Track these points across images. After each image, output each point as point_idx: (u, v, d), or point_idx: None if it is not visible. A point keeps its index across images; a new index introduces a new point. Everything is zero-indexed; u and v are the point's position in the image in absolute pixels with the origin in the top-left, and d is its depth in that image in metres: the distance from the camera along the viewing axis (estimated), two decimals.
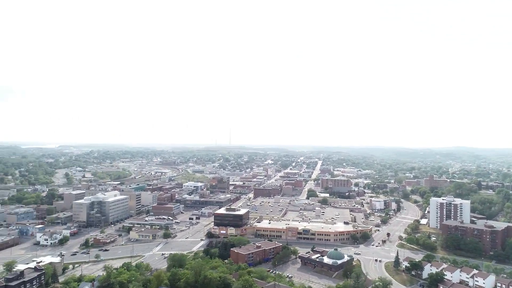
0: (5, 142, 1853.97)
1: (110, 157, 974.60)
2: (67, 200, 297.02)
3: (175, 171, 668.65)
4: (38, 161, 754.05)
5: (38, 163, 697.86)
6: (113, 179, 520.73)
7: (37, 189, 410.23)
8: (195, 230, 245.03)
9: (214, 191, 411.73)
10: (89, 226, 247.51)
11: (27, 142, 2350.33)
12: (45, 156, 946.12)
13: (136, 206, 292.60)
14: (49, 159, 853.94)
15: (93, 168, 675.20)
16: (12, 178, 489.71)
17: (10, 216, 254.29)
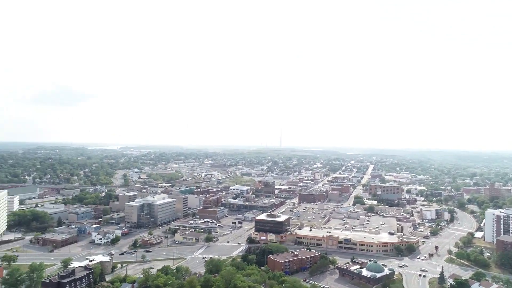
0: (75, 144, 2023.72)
1: (165, 158, 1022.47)
2: (122, 201, 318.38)
3: (224, 174, 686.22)
4: (100, 162, 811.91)
5: (100, 164, 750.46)
6: (166, 181, 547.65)
7: (97, 189, 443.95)
8: (236, 235, 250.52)
9: (260, 195, 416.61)
10: (139, 227, 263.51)
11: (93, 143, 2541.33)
12: (107, 157, 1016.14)
13: (183, 209, 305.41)
14: (110, 160, 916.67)
15: (149, 170, 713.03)
16: (77, 179, 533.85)
17: (71, 215, 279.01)
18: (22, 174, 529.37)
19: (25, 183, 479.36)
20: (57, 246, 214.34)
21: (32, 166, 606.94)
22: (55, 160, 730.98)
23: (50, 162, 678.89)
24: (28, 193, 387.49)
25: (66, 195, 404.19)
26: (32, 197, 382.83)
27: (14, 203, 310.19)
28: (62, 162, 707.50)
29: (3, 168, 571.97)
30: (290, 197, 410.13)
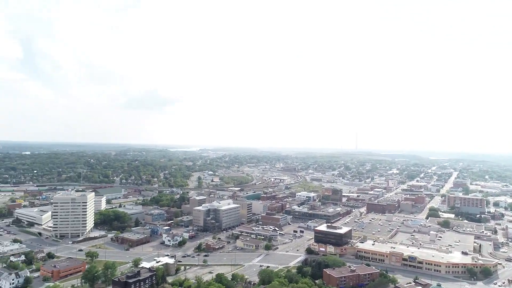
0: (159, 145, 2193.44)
1: (238, 161, 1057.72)
2: (192, 205, 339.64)
3: (294, 178, 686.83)
4: (179, 164, 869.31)
5: (179, 166, 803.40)
6: (236, 184, 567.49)
7: (173, 191, 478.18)
8: (297, 244, 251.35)
9: (326, 202, 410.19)
10: (205, 230, 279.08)
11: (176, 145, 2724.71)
12: (186, 159, 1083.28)
13: (247, 215, 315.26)
14: (188, 162, 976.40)
15: (222, 172, 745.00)
16: (157, 180, 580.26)
17: (147, 216, 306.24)
18: (111, 175, 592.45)
19: (113, 183, 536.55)
20: (132, 245, 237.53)
21: (120, 168, 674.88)
22: (140, 162, 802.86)
23: (136, 164, 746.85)
24: (115, 193, 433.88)
25: (146, 196, 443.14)
26: (117, 197, 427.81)
27: (102, 202, 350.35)
28: (146, 164, 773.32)
29: (97, 169, 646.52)
30: (358, 206, 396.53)
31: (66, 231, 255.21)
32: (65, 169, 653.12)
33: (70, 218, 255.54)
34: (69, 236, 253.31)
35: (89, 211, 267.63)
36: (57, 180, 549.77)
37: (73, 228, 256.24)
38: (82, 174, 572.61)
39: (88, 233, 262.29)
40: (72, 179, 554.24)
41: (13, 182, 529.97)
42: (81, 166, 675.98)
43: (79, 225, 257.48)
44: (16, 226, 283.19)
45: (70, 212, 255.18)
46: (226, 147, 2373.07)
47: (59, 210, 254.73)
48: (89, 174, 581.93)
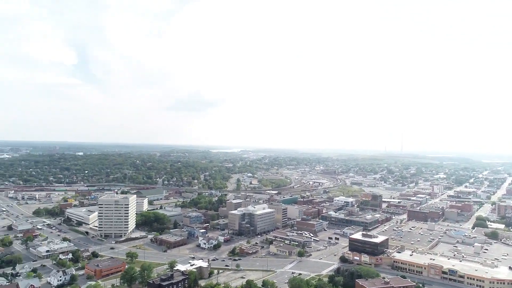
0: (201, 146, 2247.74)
1: (278, 163, 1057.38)
2: (228, 208, 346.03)
3: (333, 182, 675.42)
4: (220, 166, 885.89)
5: (219, 168, 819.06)
6: (274, 187, 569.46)
7: (212, 193, 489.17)
8: (331, 251, 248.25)
9: (365, 208, 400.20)
10: (240, 234, 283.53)
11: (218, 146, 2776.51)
12: (226, 161, 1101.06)
13: (282, 219, 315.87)
14: (229, 163, 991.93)
15: (261, 175, 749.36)
16: (197, 182, 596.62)
17: (185, 218, 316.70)
18: (154, 177, 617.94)
19: (156, 184, 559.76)
20: (169, 247, 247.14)
21: (163, 169, 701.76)
22: (182, 163, 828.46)
23: (178, 165, 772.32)
24: (157, 195, 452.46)
25: (186, 197, 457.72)
26: (159, 198, 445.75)
27: (144, 204, 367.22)
28: (188, 165, 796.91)
29: (142, 170, 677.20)
30: (399, 212, 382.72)
31: (110, 231, 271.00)
32: (113, 169, 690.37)
33: (113, 219, 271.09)
34: (112, 236, 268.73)
35: (131, 212, 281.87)
36: (105, 181, 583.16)
37: (116, 228, 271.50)
38: (128, 175, 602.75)
39: (130, 233, 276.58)
40: (119, 180, 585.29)
41: (67, 182, 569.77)
42: (127, 167, 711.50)
43: (122, 226, 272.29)
44: (66, 225, 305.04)
45: (113, 214, 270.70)
46: (267, 148, 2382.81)
47: (104, 211, 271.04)
48: (134, 175, 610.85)
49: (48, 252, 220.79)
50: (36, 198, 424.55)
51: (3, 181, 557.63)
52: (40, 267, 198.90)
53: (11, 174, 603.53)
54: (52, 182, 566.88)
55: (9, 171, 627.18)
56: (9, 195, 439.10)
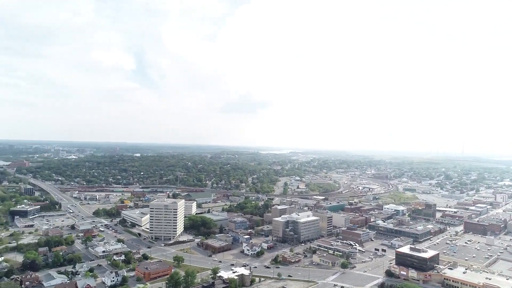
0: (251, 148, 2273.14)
1: (327, 166, 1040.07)
2: (273, 214, 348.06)
3: (385, 187, 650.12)
4: (268, 168, 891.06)
5: (267, 171, 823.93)
6: (321, 192, 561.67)
7: (259, 197, 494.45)
8: (376, 264, 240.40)
9: (417, 217, 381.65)
10: (283, 242, 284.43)
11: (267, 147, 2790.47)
12: (275, 163, 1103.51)
13: (327, 228, 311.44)
14: (277, 166, 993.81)
15: (309, 178, 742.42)
16: (245, 185, 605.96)
17: (230, 223, 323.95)
18: (204, 179, 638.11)
19: (205, 187, 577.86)
20: (214, 251, 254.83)
21: (213, 172, 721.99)
22: (231, 166, 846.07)
23: (227, 168, 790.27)
24: (205, 198, 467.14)
25: (233, 201, 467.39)
26: (207, 201, 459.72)
27: (193, 207, 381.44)
28: (237, 167, 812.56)
29: (192, 173, 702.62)
30: (455, 224, 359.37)
31: (160, 234, 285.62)
32: (166, 171, 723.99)
33: (163, 223, 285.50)
34: (162, 239, 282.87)
35: (179, 216, 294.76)
36: (159, 182, 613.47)
37: (165, 231, 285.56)
38: (179, 178, 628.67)
39: (178, 236, 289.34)
40: (171, 182, 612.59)
41: (124, 183, 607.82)
42: (179, 169, 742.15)
43: (171, 229, 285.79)
44: (121, 226, 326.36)
45: (163, 217, 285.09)
46: (316, 150, 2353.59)
47: (155, 215, 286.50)
48: (185, 178, 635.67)
49: (104, 252, 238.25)
50: (96, 199, 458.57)
51: (69, 181, 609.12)
52: (96, 267, 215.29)
53: (76, 175, 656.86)
54: (111, 183, 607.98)
55: (74, 172, 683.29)
56: (74, 195, 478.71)
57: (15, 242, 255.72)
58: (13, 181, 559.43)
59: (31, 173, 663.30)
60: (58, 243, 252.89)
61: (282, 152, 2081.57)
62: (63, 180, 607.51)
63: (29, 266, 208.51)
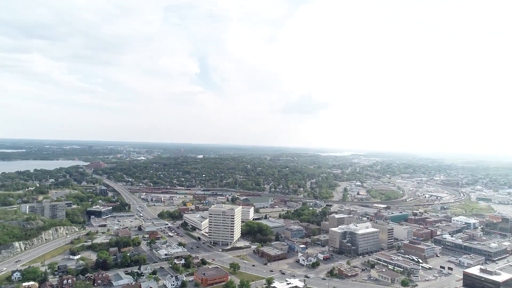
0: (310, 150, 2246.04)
1: (391, 171, 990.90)
2: (331, 223, 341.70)
3: (455, 196, 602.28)
4: (327, 172, 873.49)
5: (327, 175, 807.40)
6: (383, 200, 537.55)
7: (317, 204, 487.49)
8: (441, 284, 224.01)
9: (491, 232, 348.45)
10: (340, 253, 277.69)
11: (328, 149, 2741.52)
12: (335, 167, 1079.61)
13: (388, 240, 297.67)
14: (337, 170, 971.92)
15: (370, 184, 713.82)
16: (303, 190, 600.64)
17: (286, 231, 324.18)
18: (263, 183, 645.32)
19: (263, 191, 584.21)
20: (270, 260, 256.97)
21: (271, 175, 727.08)
22: (290, 169, 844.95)
23: (285, 171, 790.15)
24: (263, 203, 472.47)
25: (290, 206, 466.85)
26: (265, 206, 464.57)
27: (250, 212, 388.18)
28: (295, 171, 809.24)
29: (251, 176, 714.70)
30: None
31: (218, 239, 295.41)
32: (226, 174, 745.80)
33: (221, 228, 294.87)
34: (220, 244, 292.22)
35: (237, 222, 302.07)
36: (219, 185, 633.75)
37: (223, 236, 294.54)
38: (238, 181, 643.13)
39: (235, 242, 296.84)
40: (230, 185, 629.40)
41: (187, 185, 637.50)
42: (239, 172, 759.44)
43: (228, 235, 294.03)
44: (183, 229, 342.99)
45: (221, 223, 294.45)
46: (379, 152, 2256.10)
47: (213, 221, 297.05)
48: (244, 181, 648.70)
49: (166, 255, 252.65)
50: (161, 201, 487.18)
51: (138, 182, 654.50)
52: (159, 269, 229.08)
53: (144, 176, 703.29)
54: (175, 185, 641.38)
55: (143, 173, 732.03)
56: (141, 196, 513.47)
57: (90, 241, 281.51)
58: (90, 181, 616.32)
59: (105, 174, 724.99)
60: (126, 244, 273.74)
61: (343, 154, 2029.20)
62: (133, 181, 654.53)
63: (101, 265, 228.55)
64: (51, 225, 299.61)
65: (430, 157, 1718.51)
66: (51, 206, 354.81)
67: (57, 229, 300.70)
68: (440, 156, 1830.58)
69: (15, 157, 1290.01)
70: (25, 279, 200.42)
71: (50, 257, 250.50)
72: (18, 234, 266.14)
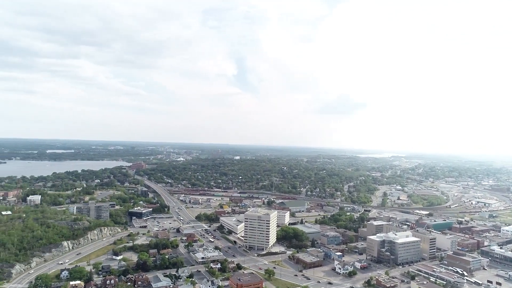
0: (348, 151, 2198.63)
1: (434, 174, 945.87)
2: (369, 230, 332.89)
3: (505, 203, 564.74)
4: (366, 175, 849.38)
5: (365, 178, 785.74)
6: (425, 206, 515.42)
7: (354, 208, 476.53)
8: None
9: None
10: (379, 262, 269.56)
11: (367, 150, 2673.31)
12: (374, 169, 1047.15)
13: (429, 250, 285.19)
14: (376, 173, 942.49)
15: (411, 188, 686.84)
16: (340, 194, 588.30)
17: (323, 237, 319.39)
18: (299, 186, 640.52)
19: (299, 194, 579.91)
20: (305, 267, 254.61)
21: (308, 178, 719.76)
22: (327, 171, 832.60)
23: (322, 174, 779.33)
24: (299, 207, 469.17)
25: (327, 211, 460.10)
26: (301, 210, 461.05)
27: (286, 216, 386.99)
28: (333, 174, 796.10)
29: (287, 179, 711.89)
30: None
31: (253, 243, 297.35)
32: (263, 176, 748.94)
33: (256, 233, 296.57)
34: (255, 248, 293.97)
35: (272, 227, 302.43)
36: (255, 188, 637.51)
37: (259, 241, 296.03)
38: (274, 184, 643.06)
39: (270, 247, 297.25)
40: (266, 187, 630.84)
41: (223, 187, 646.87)
42: (275, 175, 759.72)
43: (264, 240, 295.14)
44: (219, 232, 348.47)
45: (256, 228, 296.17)
46: (421, 154, 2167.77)
47: (249, 225, 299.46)
48: (280, 184, 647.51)
49: (203, 259, 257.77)
50: (199, 203, 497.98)
51: (177, 183, 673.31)
52: (196, 272, 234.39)
53: (183, 178, 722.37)
54: (212, 186, 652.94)
55: (182, 175, 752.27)
56: (180, 198, 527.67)
57: (131, 242, 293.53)
58: (132, 182, 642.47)
59: (146, 175, 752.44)
60: (165, 246, 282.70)
61: (382, 155, 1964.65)
62: (172, 183, 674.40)
63: (141, 267, 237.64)
64: (96, 225, 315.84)
65: (478, 160, 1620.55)
66: (96, 207, 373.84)
67: (101, 229, 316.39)
68: (489, 159, 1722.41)
69: (65, 158, 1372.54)
70: (72, 278, 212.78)
71: (95, 256, 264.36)
72: (67, 234, 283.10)
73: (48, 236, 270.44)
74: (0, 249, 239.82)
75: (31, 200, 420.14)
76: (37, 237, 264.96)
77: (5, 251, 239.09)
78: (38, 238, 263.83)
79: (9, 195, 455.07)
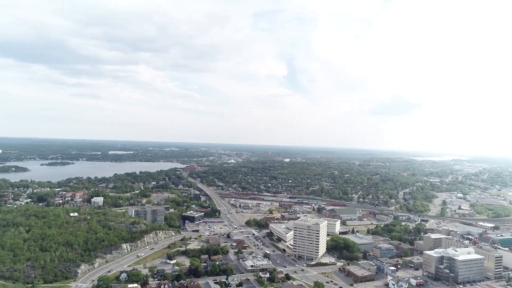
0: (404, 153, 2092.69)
1: (501, 181, 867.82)
2: (425, 243, 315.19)
3: None
4: (424, 181, 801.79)
5: (423, 184, 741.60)
6: (490, 217, 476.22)
7: (410, 218, 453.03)
8: None
9: None
10: (436, 279, 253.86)
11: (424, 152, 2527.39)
12: (432, 174, 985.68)
13: (495, 269, 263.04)
14: (435, 178, 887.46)
15: (475, 197, 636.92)
16: (394, 202, 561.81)
17: (375, 249, 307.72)
18: (350, 192, 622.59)
19: (351, 201, 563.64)
20: (356, 280, 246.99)
21: (360, 184, 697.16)
22: (381, 176, 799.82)
23: (375, 179, 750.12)
24: (350, 214, 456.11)
25: (380, 220, 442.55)
26: (352, 218, 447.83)
27: (336, 225, 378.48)
28: (387, 179, 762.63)
29: (338, 184, 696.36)
30: None
31: (302, 253, 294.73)
32: (313, 180, 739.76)
33: (306, 242, 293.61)
34: (304, 258, 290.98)
35: (322, 237, 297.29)
36: (305, 193, 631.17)
37: (308, 251, 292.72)
38: (325, 190, 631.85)
39: (320, 258, 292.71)
40: (316, 193, 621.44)
41: (273, 191, 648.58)
42: (326, 179, 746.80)
43: (313, 250, 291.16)
44: (269, 239, 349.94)
45: (306, 237, 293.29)
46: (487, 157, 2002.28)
47: (298, 234, 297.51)
48: (331, 189, 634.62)
49: (252, 267, 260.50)
50: (249, 207, 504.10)
51: (228, 186, 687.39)
52: (245, 281, 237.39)
53: (234, 181, 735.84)
54: (262, 190, 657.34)
55: (232, 178, 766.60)
56: (231, 202, 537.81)
57: (184, 246, 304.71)
58: (186, 185, 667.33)
59: (199, 178, 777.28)
60: (216, 252, 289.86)
61: (442, 159, 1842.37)
62: (223, 186, 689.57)
63: (193, 272, 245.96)
64: (152, 229, 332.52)
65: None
66: (152, 210, 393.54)
67: (156, 233, 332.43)
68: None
69: (125, 159, 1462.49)
70: (130, 280, 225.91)
71: (150, 260, 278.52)
72: (126, 237, 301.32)
73: (109, 238, 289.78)
74: (68, 249, 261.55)
75: (95, 201, 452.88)
76: (99, 238, 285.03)
77: (72, 251, 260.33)
78: (100, 240, 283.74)
79: (76, 196, 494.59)
